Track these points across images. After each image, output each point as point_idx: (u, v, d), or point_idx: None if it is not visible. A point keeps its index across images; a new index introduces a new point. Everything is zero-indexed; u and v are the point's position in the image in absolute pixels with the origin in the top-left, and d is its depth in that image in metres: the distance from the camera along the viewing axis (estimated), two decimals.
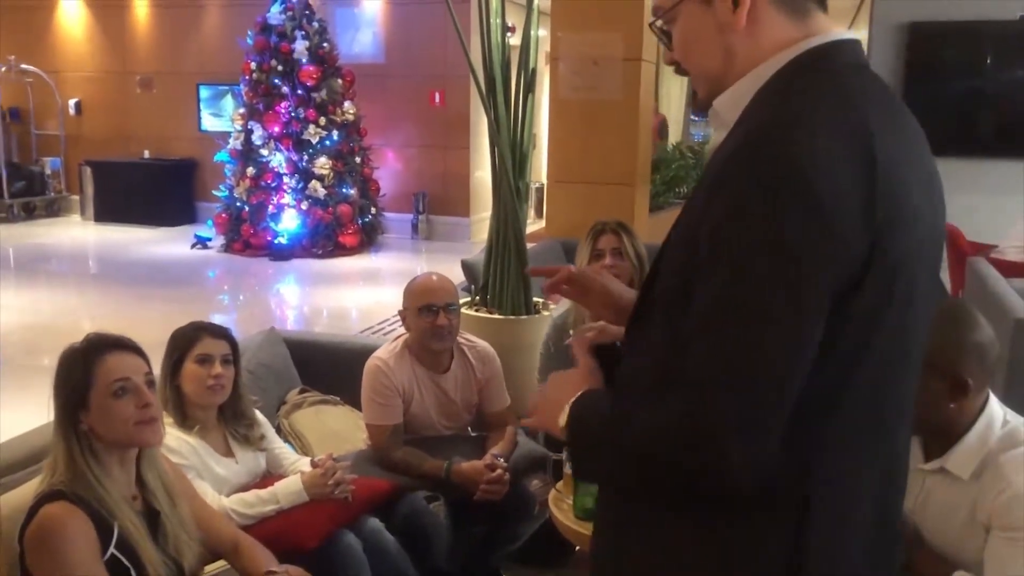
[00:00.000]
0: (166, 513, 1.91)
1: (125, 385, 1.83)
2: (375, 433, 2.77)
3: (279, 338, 3.33)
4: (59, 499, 1.75)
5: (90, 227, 10.56)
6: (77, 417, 1.82)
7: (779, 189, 0.91)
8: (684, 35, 1.10)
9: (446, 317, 2.77)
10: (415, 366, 2.82)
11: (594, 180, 5.87)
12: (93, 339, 1.91)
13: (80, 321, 6.64)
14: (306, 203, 8.75)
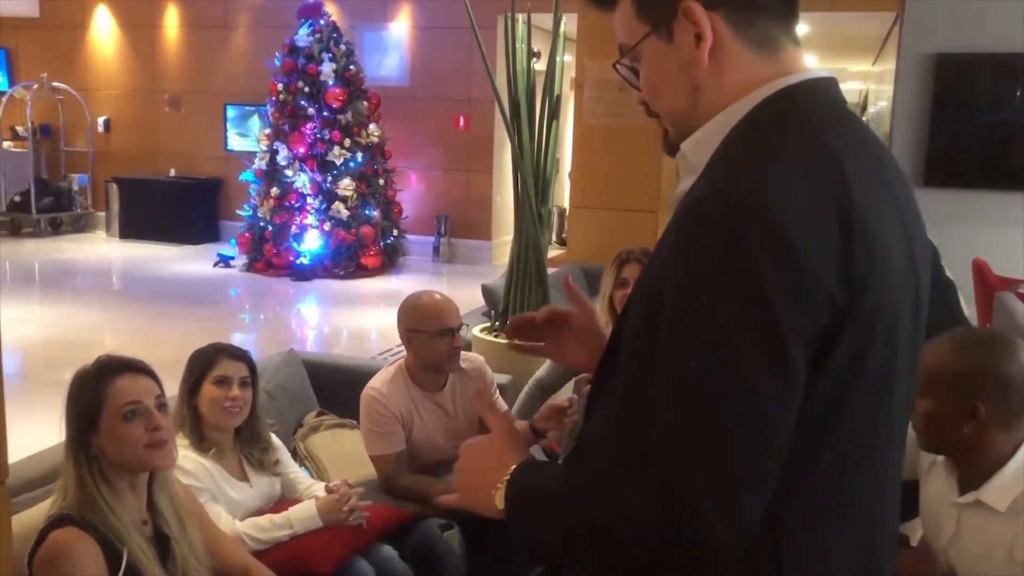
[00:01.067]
0: (176, 538, 1.89)
1: (135, 408, 1.83)
2: (380, 463, 2.72)
3: (298, 360, 3.32)
4: (68, 524, 1.74)
5: (115, 243, 10.65)
6: (88, 440, 1.81)
7: (751, 241, 0.85)
8: (649, 74, 1.04)
9: (460, 338, 2.74)
10: (412, 389, 2.77)
11: (617, 206, 5.85)
12: (104, 362, 1.91)
13: (102, 337, 6.69)
14: (329, 224, 8.78)
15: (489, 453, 1.05)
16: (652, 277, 0.95)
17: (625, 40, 1.05)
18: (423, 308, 2.78)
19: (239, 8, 10.46)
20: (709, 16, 0.96)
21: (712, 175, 0.93)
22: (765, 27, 0.99)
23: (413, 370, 2.78)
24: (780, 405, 0.86)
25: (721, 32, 0.97)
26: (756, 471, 0.86)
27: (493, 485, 1.00)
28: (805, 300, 0.85)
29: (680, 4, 0.97)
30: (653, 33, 1.00)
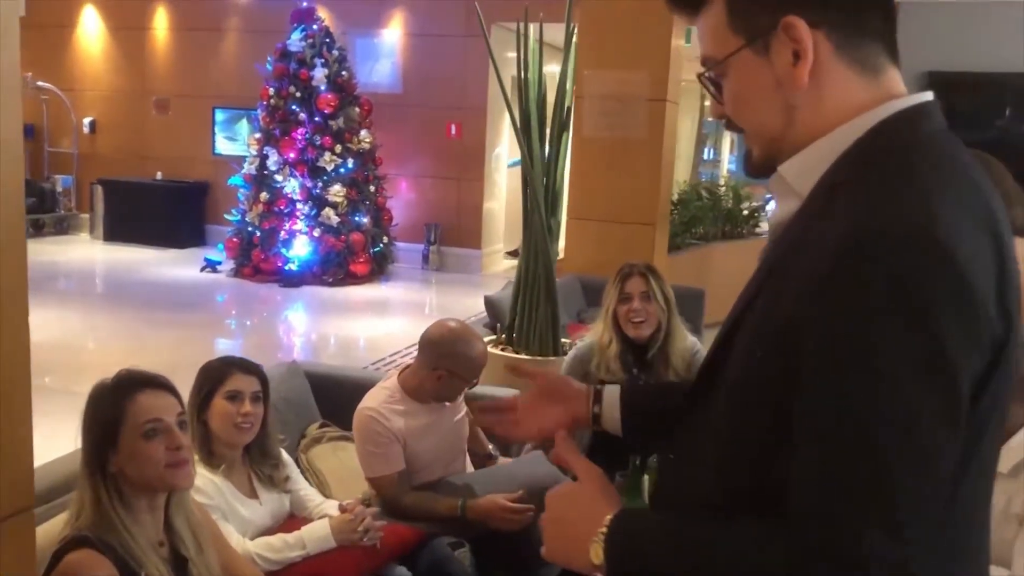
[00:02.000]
0: (193, 559, 1.82)
1: (156, 426, 1.76)
2: (381, 485, 2.63)
3: (300, 371, 3.25)
4: (85, 546, 1.66)
5: (99, 246, 10.50)
6: (106, 458, 1.74)
7: (926, 275, 0.79)
8: (738, 89, 0.98)
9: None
10: (408, 404, 2.69)
11: (615, 218, 5.82)
12: (124, 377, 1.83)
13: (86, 342, 6.57)
14: (318, 230, 8.70)
15: (579, 503, 0.99)
16: (773, 314, 0.88)
17: (712, 51, 0.99)
18: (473, 359, 2.66)
19: (230, 11, 10.37)
20: (812, 34, 0.91)
21: (850, 204, 0.86)
22: (869, 47, 0.93)
23: (411, 387, 2.69)
24: (951, 448, 0.81)
25: (823, 51, 0.92)
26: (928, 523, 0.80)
27: (587, 537, 0.93)
28: (975, 336, 0.81)
29: (782, 18, 0.91)
30: (748, 46, 0.94)
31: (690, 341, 3.12)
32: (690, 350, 3.09)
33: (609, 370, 3.00)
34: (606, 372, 3.00)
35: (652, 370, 3.02)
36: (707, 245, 7.54)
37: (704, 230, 7.66)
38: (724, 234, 7.86)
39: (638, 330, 2.98)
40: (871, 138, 0.91)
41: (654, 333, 2.99)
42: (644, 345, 3.01)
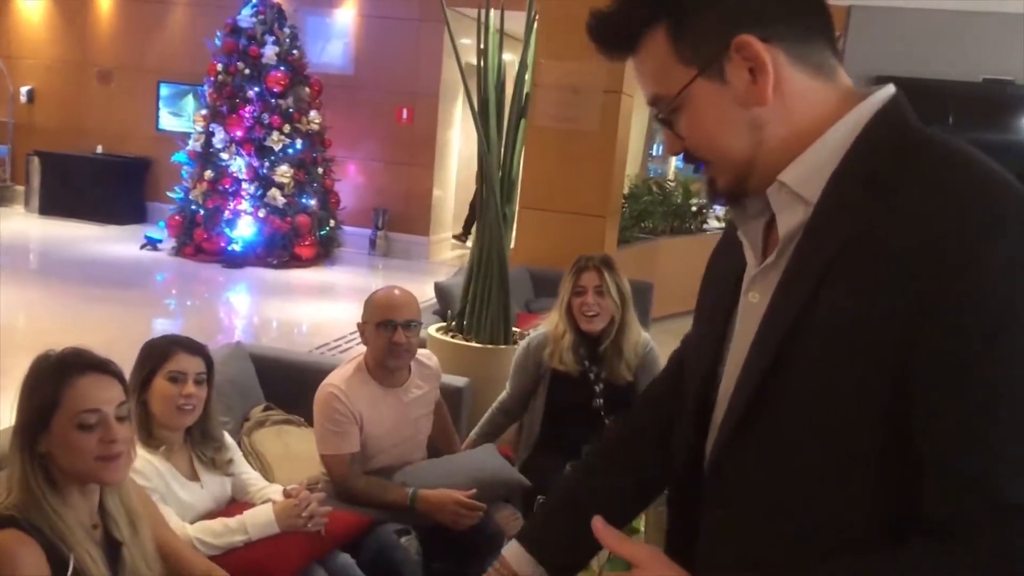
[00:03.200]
0: (127, 544, 1.75)
1: (94, 418, 1.66)
2: (333, 463, 2.62)
3: (245, 353, 3.18)
4: (9, 526, 1.59)
5: (34, 219, 10.17)
6: (36, 438, 1.65)
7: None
8: (697, 119, 0.95)
9: (405, 335, 2.65)
10: (372, 385, 2.69)
11: (566, 210, 5.82)
12: (69, 357, 1.72)
13: (17, 317, 6.35)
14: (264, 211, 8.54)
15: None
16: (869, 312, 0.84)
17: (661, 89, 0.96)
18: (372, 299, 2.73)
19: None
20: (765, 48, 0.90)
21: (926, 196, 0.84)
22: (819, 50, 0.93)
23: (370, 365, 2.70)
24: None
25: (779, 62, 0.91)
26: None
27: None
28: None
29: (732, 39, 0.89)
30: (701, 75, 0.92)
31: (643, 337, 3.13)
32: (643, 344, 3.10)
33: (563, 360, 2.99)
34: (559, 362, 3.00)
35: (604, 363, 3.02)
36: (655, 239, 7.59)
37: (653, 224, 7.70)
38: (672, 229, 7.93)
39: (591, 324, 2.97)
40: (877, 130, 0.91)
41: (607, 327, 2.99)
42: (597, 338, 3.01)
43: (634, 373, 3.04)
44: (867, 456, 0.85)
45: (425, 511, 2.55)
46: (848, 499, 0.87)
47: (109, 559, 1.71)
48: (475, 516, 2.56)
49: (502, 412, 3.15)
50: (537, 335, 3.10)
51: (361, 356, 2.73)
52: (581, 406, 3.00)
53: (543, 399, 3.04)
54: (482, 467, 2.74)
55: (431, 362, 2.91)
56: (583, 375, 3.01)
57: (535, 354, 3.05)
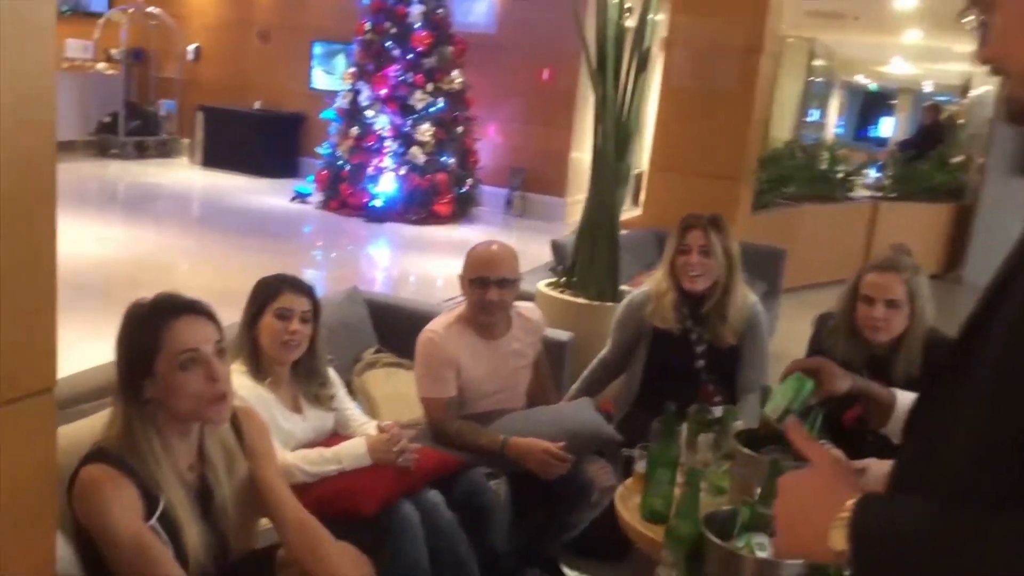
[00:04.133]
0: (221, 491, 1.82)
1: (194, 356, 1.70)
2: (430, 407, 2.72)
3: (360, 298, 3.33)
4: (103, 461, 1.66)
5: (197, 171, 10.85)
6: (140, 384, 1.70)
7: None
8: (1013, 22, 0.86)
9: (497, 293, 2.69)
10: (469, 335, 2.76)
11: (697, 171, 5.70)
12: (162, 301, 1.76)
13: (179, 261, 6.83)
14: (405, 168, 8.78)
15: (816, 489, 0.93)
16: None
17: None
18: (470, 254, 2.79)
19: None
20: None
21: None
22: None
23: (469, 316, 2.77)
24: None
25: None
26: None
27: (826, 524, 0.88)
28: None
29: None
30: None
31: (751, 300, 3.05)
32: (749, 309, 3.02)
33: (663, 319, 2.97)
34: (660, 320, 2.98)
35: (706, 324, 2.98)
36: (795, 206, 7.32)
37: (794, 190, 7.42)
38: (815, 196, 7.61)
39: (693, 283, 2.93)
40: None
41: (710, 288, 2.94)
42: (700, 298, 2.96)
43: (738, 337, 2.98)
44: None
45: (514, 457, 2.61)
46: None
47: (200, 501, 1.78)
48: (563, 466, 2.60)
49: (603, 368, 3.16)
50: (640, 292, 3.09)
51: (463, 305, 2.81)
52: (682, 366, 2.98)
53: (643, 357, 3.03)
54: (574, 420, 2.77)
55: (534, 315, 2.95)
56: (684, 335, 2.98)
57: (636, 311, 3.04)
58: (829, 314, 2.77)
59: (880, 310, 2.57)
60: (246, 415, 1.95)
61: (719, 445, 2.38)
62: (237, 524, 1.85)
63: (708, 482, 2.32)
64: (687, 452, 2.40)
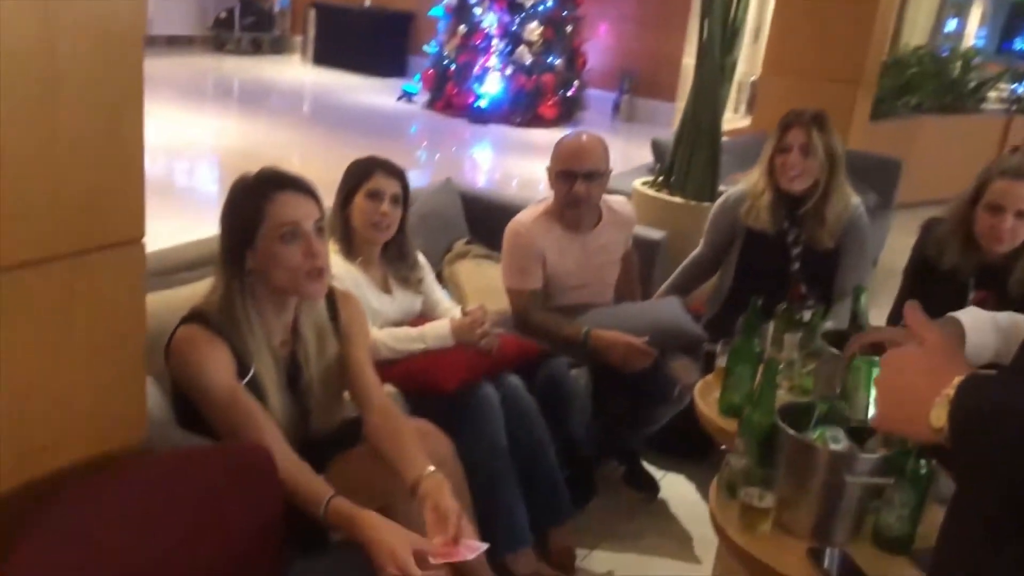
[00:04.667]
0: (309, 370, 1.87)
1: (295, 230, 1.73)
2: (515, 298, 2.74)
3: (455, 189, 3.35)
4: (202, 323, 1.73)
5: (308, 68, 11.01)
6: (242, 255, 1.74)
7: None
8: None
9: (584, 186, 2.65)
10: (556, 228, 2.74)
11: (814, 74, 5.44)
12: (267, 175, 1.79)
13: (290, 155, 7.01)
14: (511, 68, 8.68)
15: (920, 365, 0.90)
16: None
17: None
18: (558, 146, 2.75)
19: None
20: None
21: None
22: None
23: (556, 210, 2.75)
24: None
25: None
26: None
27: (928, 400, 0.86)
28: None
29: None
30: None
31: (853, 202, 2.93)
32: (850, 211, 2.91)
33: (758, 219, 2.89)
34: (755, 221, 2.90)
35: (804, 226, 2.88)
36: (919, 116, 6.91)
37: (920, 99, 6.99)
38: (942, 107, 7.16)
39: (791, 184, 2.83)
40: None
41: (810, 189, 2.83)
42: (798, 199, 2.86)
43: (836, 240, 2.88)
44: None
45: (597, 349, 2.62)
46: None
47: (288, 375, 1.84)
48: (645, 361, 2.60)
49: (694, 267, 3.12)
50: (736, 191, 3.00)
51: (551, 198, 2.80)
52: (776, 268, 2.91)
53: (736, 257, 2.97)
54: (659, 316, 2.76)
55: (624, 210, 2.92)
56: (780, 236, 2.89)
57: (731, 210, 2.96)
58: (938, 220, 2.63)
59: (1009, 220, 2.39)
60: (344, 297, 1.99)
61: (805, 345, 2.34)
62: (321, 402, 1.91)
63: (791, 381, 2.30)
64: (772, 350, 2.37)
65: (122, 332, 1.38)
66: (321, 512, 1.56)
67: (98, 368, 1.36)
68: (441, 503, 1.63)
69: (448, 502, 1.63)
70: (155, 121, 2.01)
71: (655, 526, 2.74)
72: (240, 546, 1.50)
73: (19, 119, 1.16)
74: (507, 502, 2.30)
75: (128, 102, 1.28)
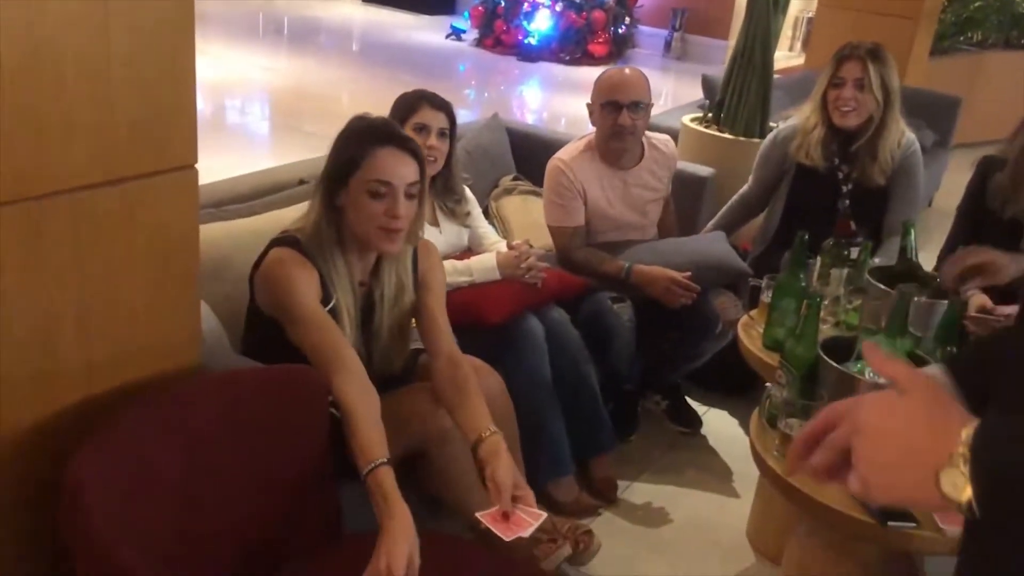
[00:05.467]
0: (381, 315, 1.90)
1: (385, 189, 1.75)
2: (557, 235, 2.75)
3: (501, 125, 3.35)
4: (295, 248, 1.78)
5: (358, 6, 10.94)
6: (335, 191, 1.80)
7: None
8: None
9: (629, 117, 2.63)
10: (598, 164, 2.73)
11: (872, 8, 5.27)
12: (378, 125, 1.85)
13: (339, 93, 7.04)
14: (560, 5, 8.55)
15: (914, 418, 0.72)
16: None
17: None
18: (600, 79, 2.73)
19: None
20: None
21: None
22: None
23: (598, 146, 2.74)
24: None
25: None
26: None
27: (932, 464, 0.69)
28: None
29: None
30: None
31: (907, 139, 2.87)
32: (906, 145, 2.85)
33: (809, 155, 2.85)
34: (805, 157, 2.86)
35: (856, 162, 2.83)
36: (980, 52, 6.67)
37: (983, 35, 6.74)
38: (1007, 42, 6.89)
39: (844, 119, 2.77)
40: None
41: (863, 124, 2.78)
42: (851, 134, 2.81)
43: (888, 177, 2.83)
44: None
45: (639, 284, 2.64)
46: None
47: (363, 316, 1.89)
48: (688, 296, 2.60)
49: (742, 203, 3.09)
50: (786, 127, 2.96)
51: (592, 134, 2.78)
52: (825, 205, 2.87)
53: (785, 195, 2.94)
54: (703, 251, 2.75)
55: (667, 148, 2.89)
56: (830, 173, 2.85)
57: (781, 146, 2.92)
58: (996, 159, 2.55)
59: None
60: (426, 248, 2.01)
61: (852, 281, 2.32)
62: (386, 347, 1.95)
63: (836, 317, 2.29)
64: (818, 285, 2.36)
65: (178, 256, 1.43)
66: (364, 471, 1.51)
67: (155, 290, 1.42)
68: (496, 475, 1.60)
69: (503, 475, 1.60)
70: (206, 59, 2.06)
71: (696, 460, 2.78)
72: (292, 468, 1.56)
73: (75, 46, 1.20)
74: (551, 432, 2.35)
75: (180, 31, 1.31)
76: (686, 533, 2.46)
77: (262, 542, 1.51)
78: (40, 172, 1.21)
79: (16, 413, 1.31)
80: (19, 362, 1.28)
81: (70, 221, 1.27)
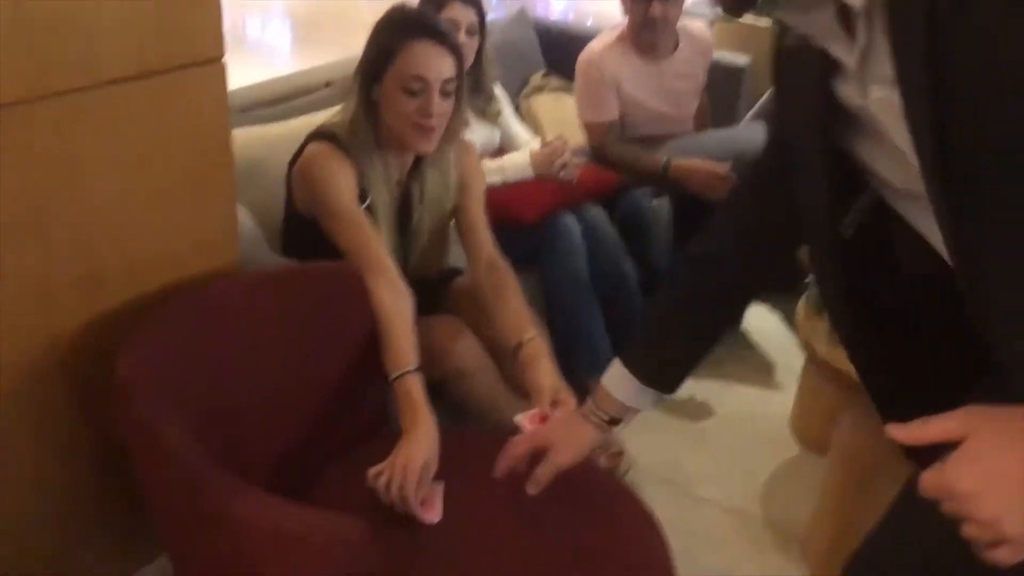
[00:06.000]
0: (420, 215, 1.86)
1: (420, 86, 1.69)
2: (591, 130, 2.68)
3: (528, 20, 3.25)
4: (332, 141, 1.74)
5: None
6: (371, 85, 1.75)
7: None
8: None
9: (660, 7, 2.53)
10: (631, 55, 2.64)
11: None
12: (414, 17, 1.78)
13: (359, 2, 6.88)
14: None
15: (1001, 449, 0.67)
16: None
17: None
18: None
19: None
20: None
21: None
22: None
23: (631, 35, 2.65)
24: None
25: None
26: None
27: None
28: None
29: None
30: None
31: None
32: None
33: None
34: None
35: None
36: None
37: None
38: None
39: None
40: None
41: None
42: None
43: None
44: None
45: (677, 178, 2.58)
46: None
47: (400, 215, 1.84)
48: (727, 188, 2.54)
49: None
50: None
51: (624, 25, 2.69)
52: None
53: None
54: (742, 142, 2.67)
55: (703, 36, 2.79)
56: None
57: None
58: None
59: None
60: (466, 149, 1.95)
61: None
62: (424, 250, 1.92)
63: None
64: None
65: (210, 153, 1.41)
66: (392, 376, 1.49)
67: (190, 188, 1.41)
68: (536, 379, 1.59)
69: (543, 378, 1.59)
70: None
71: (735, 354, 2.76)
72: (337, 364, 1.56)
73: None
74: (588, 329, 2.34)
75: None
76: (729, 426, 2.47)
77: (308, 440, 1.53)
78: (68, 68, 1.19)
79: (62, 319, 1.31)
80: (64, 266, 1.28)
81: (103, 117, 1.25)
